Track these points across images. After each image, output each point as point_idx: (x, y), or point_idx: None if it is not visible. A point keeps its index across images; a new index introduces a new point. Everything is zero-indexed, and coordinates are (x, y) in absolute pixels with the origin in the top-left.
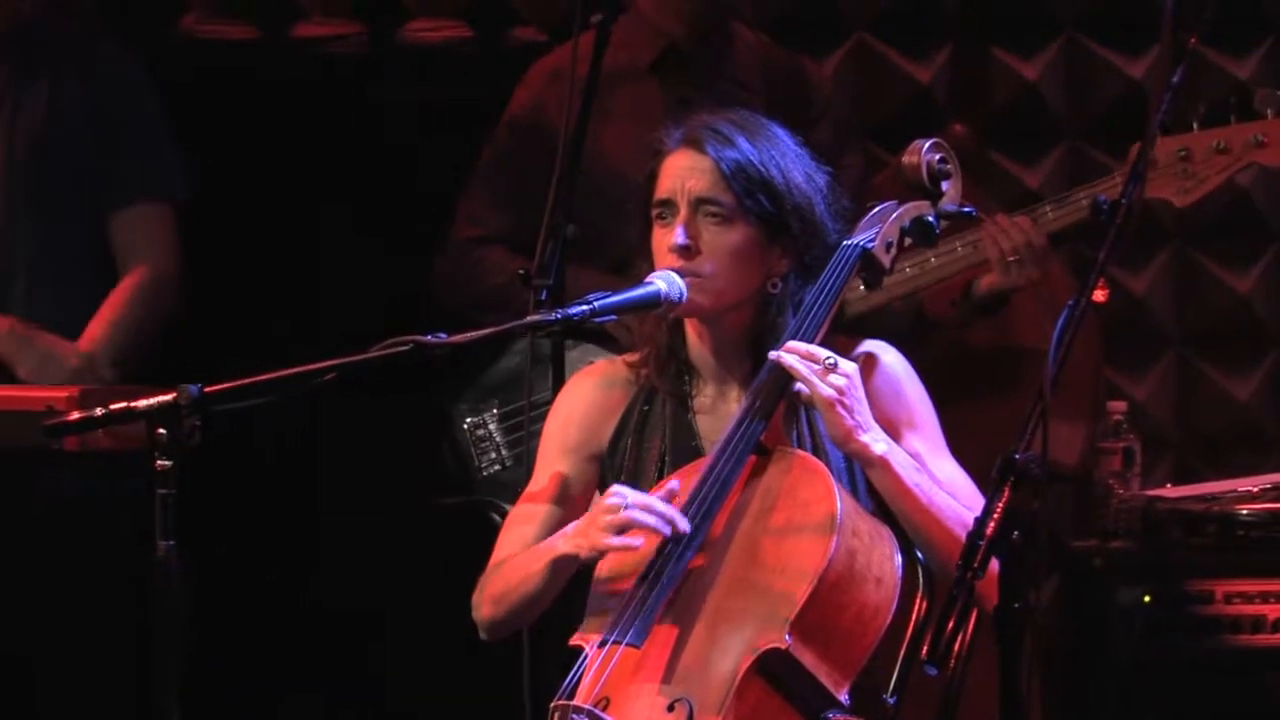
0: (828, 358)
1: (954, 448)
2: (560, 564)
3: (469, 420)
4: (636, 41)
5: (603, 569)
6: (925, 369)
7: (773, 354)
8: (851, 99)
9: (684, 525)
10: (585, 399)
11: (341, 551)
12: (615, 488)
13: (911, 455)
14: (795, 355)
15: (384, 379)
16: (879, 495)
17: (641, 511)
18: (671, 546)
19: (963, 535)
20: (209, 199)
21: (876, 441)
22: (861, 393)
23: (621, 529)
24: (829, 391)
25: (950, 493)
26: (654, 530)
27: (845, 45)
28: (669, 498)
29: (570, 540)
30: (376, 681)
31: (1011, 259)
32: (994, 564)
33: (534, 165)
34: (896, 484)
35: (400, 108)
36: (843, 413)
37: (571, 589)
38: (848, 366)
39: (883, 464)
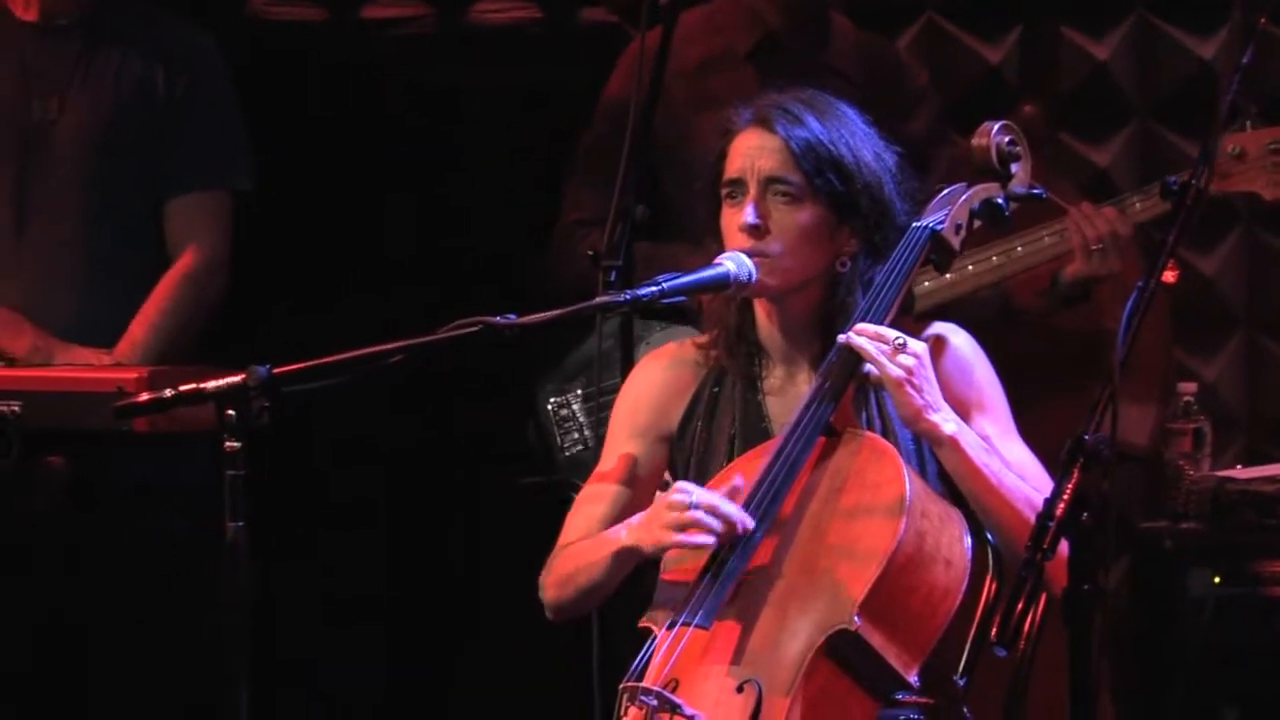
0: (897, 338)
1: (1036, 436)
2: (623, 555)
3: (553, 400)
4: (734, 28)
5: (670, 555)
6: (1011, 359)
7: (841, 336)
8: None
9: (747, 525)
10: (655, 381)
11: (417, 528)
12: (680, 484)
13: (981, 438)
14: (864, 336)
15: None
16: (949, 478)
17: (706, 514)
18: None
19: (1031, 517)
20: (274, 184)
21: (946, 421)
22: (931, 372)
23: (685, 528)
24: (898, 371)
25: (1019, 475)
26: (714, 532)
27: (915, 25)
28: (732, 495)
29: (634, 533)
30: (446, 660)
31: (1095, 248)
32: (1063, 545)
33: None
34: (965, 464)
35: (469, 90)
36: (911, 392)
37: (642, 569)
38: (917, 346)
39: (952, 443)
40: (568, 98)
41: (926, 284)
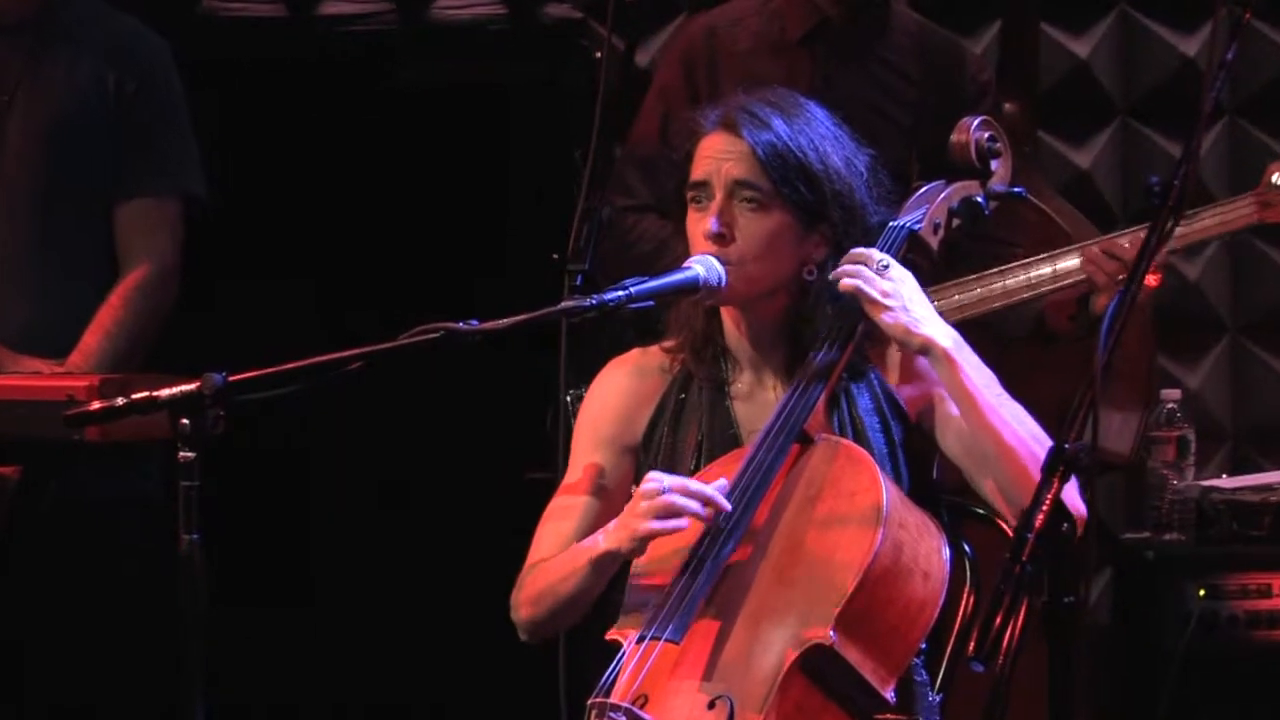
0: (880, 260)
1: None
2: (602, 562)
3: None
4: (789, 14)
5: (640, 561)
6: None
7: (839, 278)
8: None
9: (725, 505)
10: (618, 389)
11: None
12: (652, 474)
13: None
14: (849, 271)
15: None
16: (926, 488)
17: (680, 495)
18: (711, 538)
19: (1035, 447)
20: (232, 186)
21: (940, 336)
22: (918, 293)
23: (662, 513)
24: (877, 294)
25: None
26: (694, 515)
27: None
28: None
29: (612, 535)
30: (408, 674)
31: (1121, 278)
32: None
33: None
34: (961, 380)
35: (430, 88)
36: (895, 311)
37: (612, 580)
38: (897, 271)
39: (945, 356)
40: (530, 94)
41: (957, 298)
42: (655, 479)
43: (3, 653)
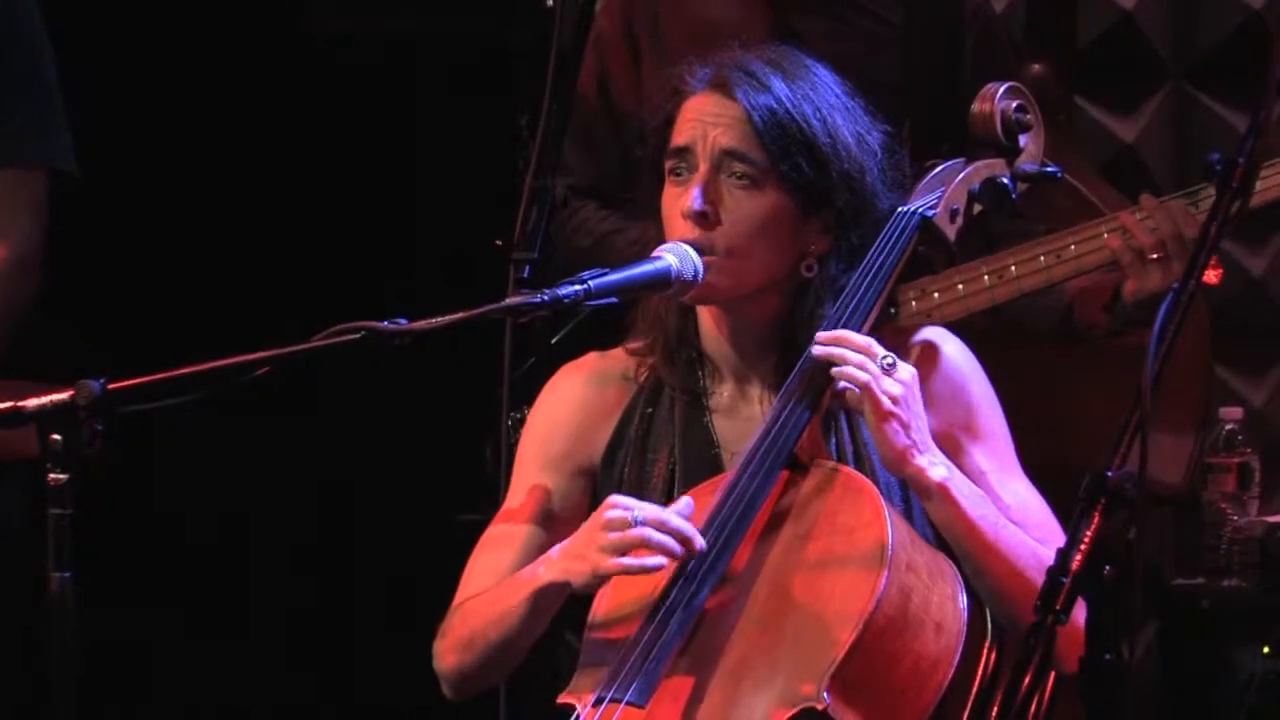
0: (885, 356)
1: (1041, 475)
2: (545, 596)
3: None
4: None
5: (600, 608)
6: (1010, 374)
7: (817, 348)
8: None
9: (701, 544)
10: (572, 399)
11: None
12: (616, 498)
13: (975, 472)
14: (846, 347)
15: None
16: (936, 525)
17: (654, 529)
18: (683, 582)
19: (1038, 579)
20: (112, 157)
21: (935, 465)
22: (920, 405)
23: (629, 549)
24: (886, 400)
25: (1020, 522)
26: (667, 551)
27: None
28: (686, 512)
29: (558, 565)
30: None
31: (1154, 256)
32: (1080, 608)
33: (620, 94)
34: (958, 517)
35: (346, 41)
36: (898, 428)
37: (559, 629)
38: (906, 371)
39: (942, 492)
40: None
41: (960, 287)
42: (623, 505)
43: None
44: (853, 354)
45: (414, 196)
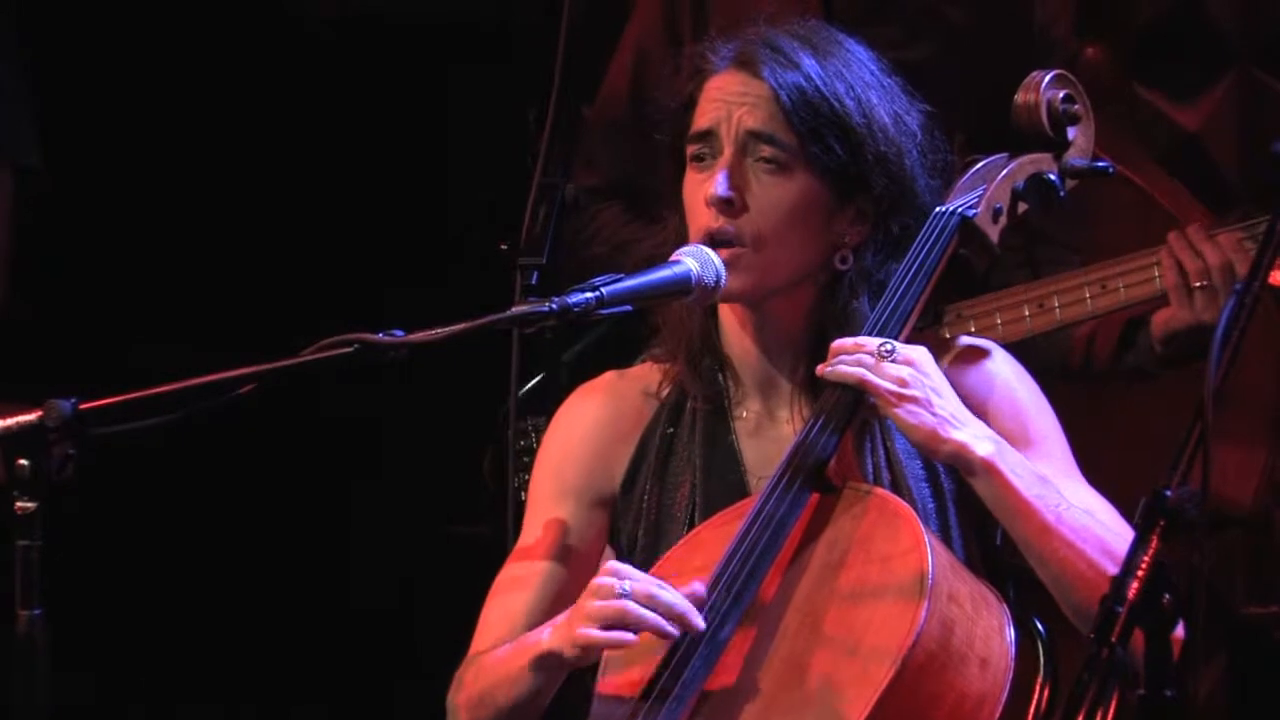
0: (881, 344)
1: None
2: (546, 663)
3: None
4: None
5: (610, 662)
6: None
7: (818, 369)
8: None
9: (699, 624)
10: (586, 423)
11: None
12: (614, 564)
13: None
14: (839, 356)
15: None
16: (981, 554)
17: (643, 605)
18: (706, 615)
19: (1109, 567)
20: (86, 152)
21: (979, 440)
22: (939, 380)
23: (611, 621)
24: (889, 385)
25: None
26: (655, 631)
27: None
28: (695, 575)
29: (555, 633)
30: None
31: (1198, 284)
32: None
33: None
34: (1010, 495)
35: (346, 28)
36: (915, 409)
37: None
38: (910, 352)
39: (987, 468)
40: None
41: (999, 320)
42: (616, 574)
43: None
44: (846, 356)
45: (413, 196)
